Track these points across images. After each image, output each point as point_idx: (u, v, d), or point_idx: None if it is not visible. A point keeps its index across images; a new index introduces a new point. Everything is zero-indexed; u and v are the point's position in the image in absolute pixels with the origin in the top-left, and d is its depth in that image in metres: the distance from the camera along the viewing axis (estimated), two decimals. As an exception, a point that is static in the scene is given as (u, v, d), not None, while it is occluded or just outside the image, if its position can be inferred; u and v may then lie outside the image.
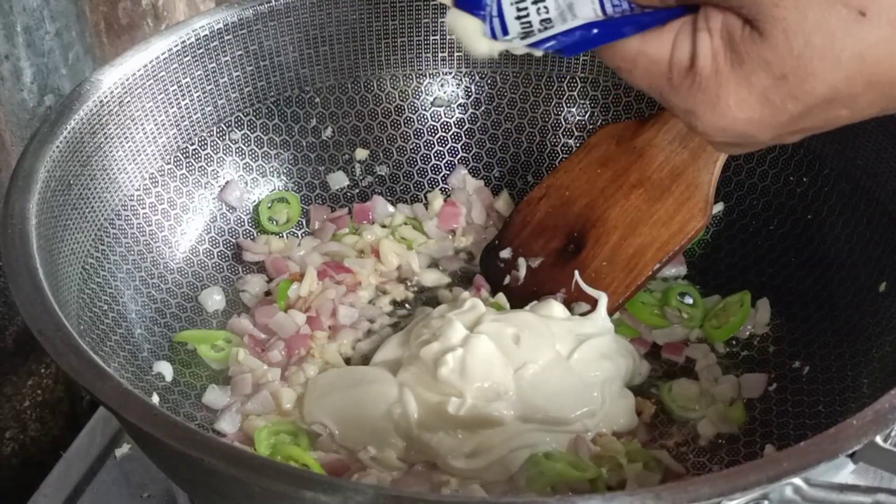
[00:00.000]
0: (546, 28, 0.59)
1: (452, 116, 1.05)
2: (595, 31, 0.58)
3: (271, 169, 1.01)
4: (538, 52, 0.60)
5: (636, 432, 0.83)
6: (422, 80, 1.03)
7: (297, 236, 1.01)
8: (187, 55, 0.91)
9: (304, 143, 1.02)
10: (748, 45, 0.53)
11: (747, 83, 0.54)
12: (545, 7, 0.58)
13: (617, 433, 0.82)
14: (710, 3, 0.55)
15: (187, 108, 0.93)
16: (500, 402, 0.79)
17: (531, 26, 0.59)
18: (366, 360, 0.89)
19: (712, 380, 0.88)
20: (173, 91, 0.91)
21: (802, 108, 0.54)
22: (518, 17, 0.59)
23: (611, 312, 0.89)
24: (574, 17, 0.58)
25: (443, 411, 0.79)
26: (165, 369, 0.85)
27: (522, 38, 0.59)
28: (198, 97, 0.94)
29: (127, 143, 0.87)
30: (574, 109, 1.04)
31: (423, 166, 1.05)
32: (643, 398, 0.86)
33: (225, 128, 0.97)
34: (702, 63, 0.55)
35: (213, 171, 0.97)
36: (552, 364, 0.82)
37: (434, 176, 1.05)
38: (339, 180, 1.03)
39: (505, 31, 0.60)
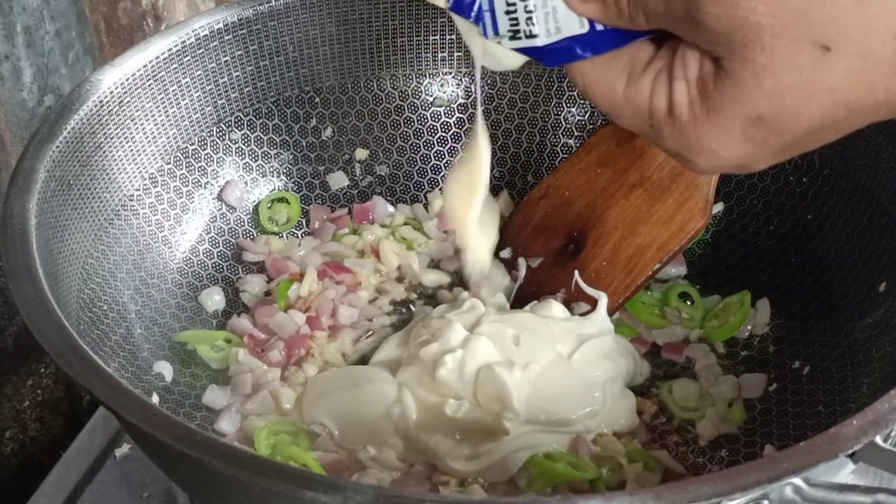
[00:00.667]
0: (532, 37, 0.60)
1: (452, 116, 1.05)
2: (576, 44, 0.59)
3: (271, 169, 1.01)
4: (520, 58, 0.62)
5: (636, 432, 0.83)
6: (422, 80, 1.03)
7: (297, 236, 1.01)
8: (187, 55, 0.91)
9: (304, 143, 1.02)
10: (720, 90, 0.54)
11: (725, 129, 0.55)
12: (533, 3, 0.59)
13: (617, 433, 0.82)
14: (684, 39, 0.55)
15: (187, 108, 0.93)
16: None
17: (518, 24, 0.60)
18: (366, 359, 0.89)
19: (712, 380, 0.88)
20: (173, 91, 0.91)
21: (787, 141, 0.55)
22: (507, 12, 0.60)
23: (611, 312, 0.89)
24: (558, 30, 0.59)
25: (441, 412, 0.79)
26: (165, 369, 0.85)
27: (511, 39, 0.61)
28: (198, 97, 0.94)
29: (127, 143, 0.87)
30: (574, 109, 1.04)
31: (423, 166, 1.05)
32: (643, 398, 0.86)
33: (225, 128, 0.97)
34: (679, 110, 0.56)
35: (213, 171, 0.97)
36: (553, 365, 0.82)
37: (434, 176, 1.05)
38: (339, 180, 1.03)
39: (496, 30, 0.61)
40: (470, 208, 0.73)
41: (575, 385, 0.81)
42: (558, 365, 0.82)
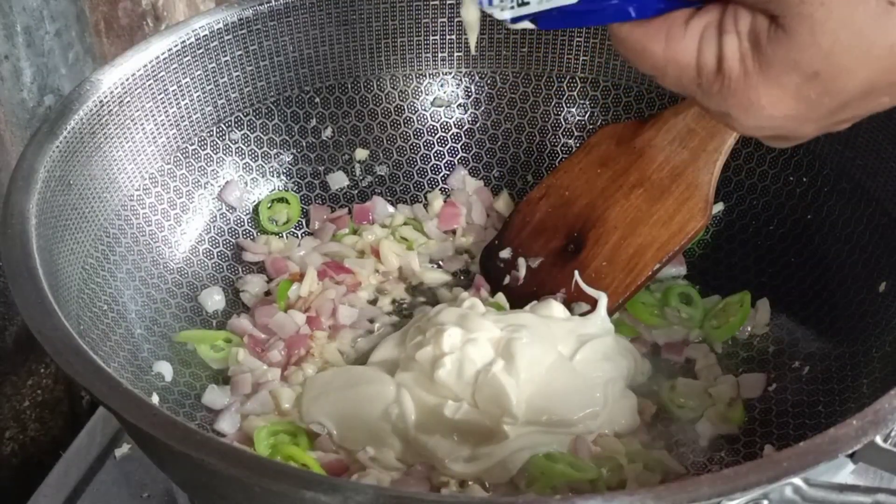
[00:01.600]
0: (522, 4, 0.58)
1: (452, 116, 1.05)
2: (571, 12, 0.57)
3: (271, 169, 1.01)
4: (514, 26, 0.60)
5: (637, 433, 0.83)
6: (422, 80, 1.03)
7: (297, 236, 1.01)
8: (187, 55, 0.91)
9: (304, 143, 1.02)
10: (774, 46, 0.52)
11: (778, 83, 0.53)
12: None
13: (618, 434, 0.82)
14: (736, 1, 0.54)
15: (187, 108, 0.93)
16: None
17: None
18: (365, 359, 0.89)
19: (712, 380, 0.88)
20: (173, 91, 0.91)
21: (839, 102, 0.53)
22: None
23: (611, 312, 0.89)
24: None
25: (440, 414, 0.79)
26: (165, 369, 0.85)
27: (502, 10, 0.59)
28: (198, 97, 0.94)
29: (127, 143, 0.87)
30: (574, 109, 1.04)
31: (423, 166, 1.05)
32: (644, 398, 0.86)
33: (225, 128, 0.97)
34: (729, 65, 0.54)
35: (213, 171, 0.97)
36: (554, 366, 0.81)
37: (434, 176, 1.05)
38: (339, 180, 1.03)
39: None
40: None
41: (576, 386, 0.81)
42: (559, 366, 0.82)
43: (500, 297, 0.93)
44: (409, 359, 0.82)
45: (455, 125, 1.05)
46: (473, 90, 1.04)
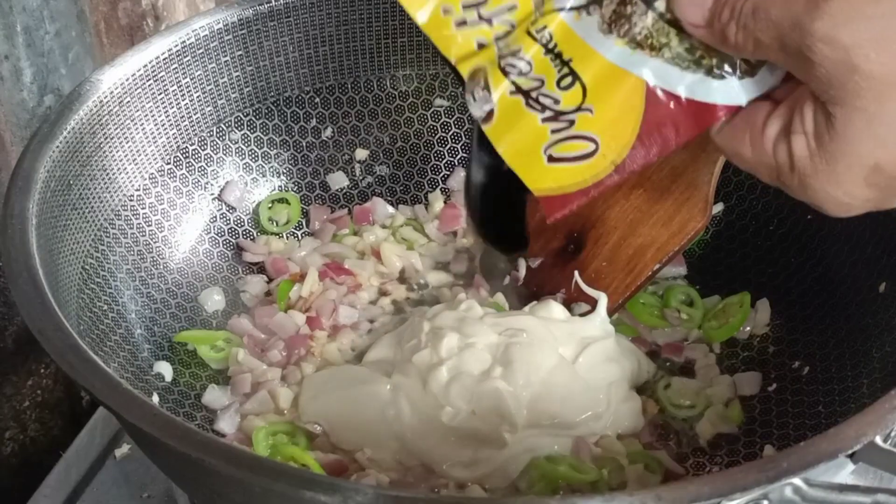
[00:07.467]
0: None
1: (452, 116, 1.05)
2: None
3: (271, 169, 1.01)
4: None
5: (640, 434, 0.83)
6: (422, 80, 1.03)
7: (298, 237, 1.01)
8: (187, 55, 0.91)
9: (304, 143, 1.02)
10: (835, 142, 0.54)
11: (846, 177, 0.56)
12: None
13: (621, 435, 0.82)
14: (795, 75, 0.56)
15: (187, 108, 0.93)
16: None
17: None
18: (365, 360, 0.89)
19: (709, 380, 0.88)
20: (173, 91, 0.91)
21: None
22: None
23: (610, 313, 0.89)
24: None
25: (437, 419, 0.78)
26: (165, 369, 0.85)
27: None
28: (197, 97, 0.94)
29: (127, 143, 0.87)
30: (574, 109, 1.03)
31: (423, 166, 1.05)
32: (645, 398, 0.85)
33: (225, 128, 0.97)
34: (799, 165, 0.57)
35: (212, 171, 0.97)
36: (555, 369, 0.81)
37: (434, 176, 1.05)
38: (339, 180, 1.03)
39: None
40: None
41: (578, 388, 0.81)
42: (560, 369, 0.81)
43: (500, 298, 0.93)
44: (406, 361, 0.82)
45: (455, 125, 1.05)
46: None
